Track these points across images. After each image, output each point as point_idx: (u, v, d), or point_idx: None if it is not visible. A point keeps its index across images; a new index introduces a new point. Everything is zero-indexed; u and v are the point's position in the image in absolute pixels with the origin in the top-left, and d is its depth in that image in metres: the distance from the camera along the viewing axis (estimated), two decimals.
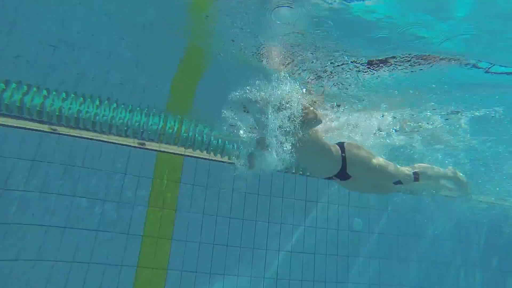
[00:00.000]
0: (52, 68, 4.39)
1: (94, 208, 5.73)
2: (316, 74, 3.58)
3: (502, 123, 4.47)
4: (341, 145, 3.62)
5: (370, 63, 3.37)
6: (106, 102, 4.71)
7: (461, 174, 4.72)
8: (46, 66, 4.45)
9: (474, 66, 3.22)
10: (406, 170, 4.01)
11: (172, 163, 6.09)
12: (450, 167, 4.75)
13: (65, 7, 3.25)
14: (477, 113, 4.33)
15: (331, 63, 3.35)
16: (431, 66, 3.24)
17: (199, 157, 5.80)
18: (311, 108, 3.43)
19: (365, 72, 3.48)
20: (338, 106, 4.25)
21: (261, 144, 3.31)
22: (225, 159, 6.00)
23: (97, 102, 4.67)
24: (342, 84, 3.74)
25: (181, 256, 5.87)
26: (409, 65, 3.26)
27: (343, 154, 3.50)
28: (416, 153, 5.86)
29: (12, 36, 3.68)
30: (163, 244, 5.86)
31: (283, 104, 3.34)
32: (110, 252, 5.57)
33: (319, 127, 3.61)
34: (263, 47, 3.27)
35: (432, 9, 2.65)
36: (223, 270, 6.05)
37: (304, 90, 3.72)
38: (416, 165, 4.23)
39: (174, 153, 6.02)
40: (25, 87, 4.29)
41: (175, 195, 6.08)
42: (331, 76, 3.60)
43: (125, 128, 4.76)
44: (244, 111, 3.68)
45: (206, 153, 5.45)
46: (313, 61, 3.35)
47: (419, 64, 3.24)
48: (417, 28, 2.80)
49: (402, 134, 5.24)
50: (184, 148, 5.36)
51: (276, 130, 3.31)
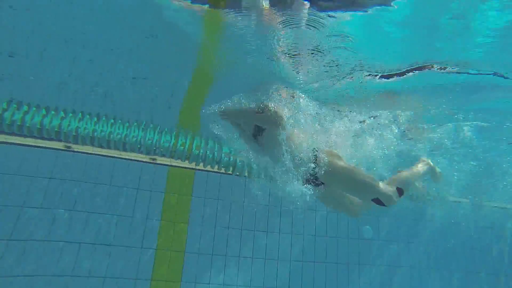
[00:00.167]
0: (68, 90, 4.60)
1: (108, 223, 5.89)
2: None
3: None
4: (314, 150, 3.54)
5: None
6: (120, 121, 4.90)
7: (432, 164, 4.34)
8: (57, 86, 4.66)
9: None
10: (389, 187, 3.55)
11: (183, 177, 6.26)
12: (422, 159, 4.34)
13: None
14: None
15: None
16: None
17: (210, 171, 5.94)
18: (270, 107, 3.39)
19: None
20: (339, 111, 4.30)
21: None
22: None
23: (112, 121, 4.86)
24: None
25: (195, 267, 6.01)
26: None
27: (314, 156, 3.44)
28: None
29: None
30: (176, 257, 5.99)
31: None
32: (125, 266, 5.72)
33: (289, 131, 3.52)
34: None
35: None
36: (235, 282, 6.16)
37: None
38: (394, 177, 3.77)
39: (185, 167, 6.18)
40: (44, 110, 4.49)
41: (187, 208, 6.23)
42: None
43: (139, 146, 4.93)
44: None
45: (218, 169, 5.56)
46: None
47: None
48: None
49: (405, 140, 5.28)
50: (196, 164, 5.51)
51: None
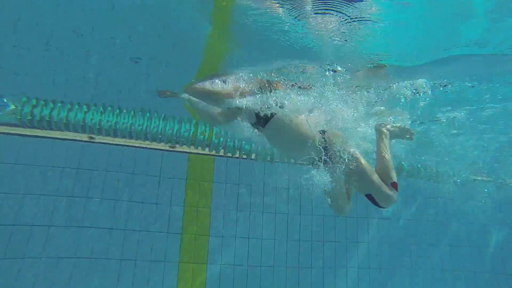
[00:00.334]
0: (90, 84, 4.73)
1: (134, 210, 6.14)
2: None
3: None
4: (323, 131, 3.51)
5: None
6: (140, 112, 5.01)
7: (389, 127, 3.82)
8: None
9: None
10: (387, 188, 3.33)
11: (204, 163, 6.41)
12: (377, 128, 3.76)
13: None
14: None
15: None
16: None
17: (230, 157, 6.05)
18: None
19: None
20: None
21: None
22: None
23: (132, 113, 4.98)
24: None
25: (219, 251, 6.24)
26: None
27: (324, 138, 3.41)
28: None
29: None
30: (201, 240, 6.22)
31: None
32: (153, 249, 5.98)
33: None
34: None
35: None
36: (259, 262, 6.36)
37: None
38: (377, 169, 3.50)
39: (204, 154, 6.31)
40: (68, 105, 4.64)
41: (209, 194, 6.41)
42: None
43: (160, 136, 5.05)
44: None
45: (238, 156, 5.65)
46: None
47: None
48: None
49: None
50: (216, 153, 5.61)
51: None
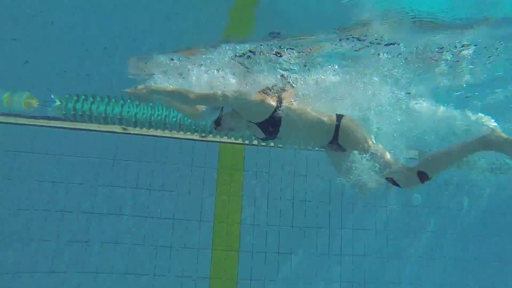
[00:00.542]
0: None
1: (167, 199, 6.33)
2: None
3: None
4: (339, 116, 3.52)
5: None
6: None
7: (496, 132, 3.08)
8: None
9: None
10: (407, 171, 3.16)
11: (234, 152, 6.51)
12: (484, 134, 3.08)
13: None
14: None
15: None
16: None
17: (261, 146, 6.10)
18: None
19: None
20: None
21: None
22: None
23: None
24: None
25: (250, 239, 6.37)
26: None
27: (337, 123, 3.41)
28: None
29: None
30: (232, 228, 6.36)
31: None
32: (187, 238, 6.17)
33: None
34: None
35: None
36: (290, 250, 6.47)
37: None
38: (423, 159, 3.26)
39: (235, 143, 6.39)
40: (106, 99, 4.79)
41: (240, 182, 6.52)
42: None
43: (194, 127, 5.15)
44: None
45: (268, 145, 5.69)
46: None
47: None
48: None
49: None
50: (249, 143, 5.67)
51: None
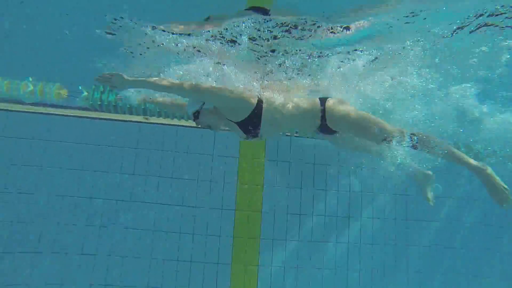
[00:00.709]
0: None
1: (189, 187, 6.43)
2: None
3: None
4: (322, 99, 3.57)
5: None
6: None
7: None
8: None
9: None
10: (401, 129, 3.41)
11: (255, 141, 6.51)
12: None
13: None
14: None
15: None
16: None
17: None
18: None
19: None
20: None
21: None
22: None
23: None
24: None
25: (271, 226, 6.43)
26: None
27: (322, 107, 3.46)
28: None
29: None
30: (254, 217, 6.43)
31: None
32: (209, 225, 6.28)
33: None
34: None
35: None
36: (311, 237, 6.50)
37: None
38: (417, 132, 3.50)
39: None
40: None
41: (261, 171, 6.55)
42: None
43: None
44: None
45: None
46: None
47: None
48: None
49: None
50: None
51: None
